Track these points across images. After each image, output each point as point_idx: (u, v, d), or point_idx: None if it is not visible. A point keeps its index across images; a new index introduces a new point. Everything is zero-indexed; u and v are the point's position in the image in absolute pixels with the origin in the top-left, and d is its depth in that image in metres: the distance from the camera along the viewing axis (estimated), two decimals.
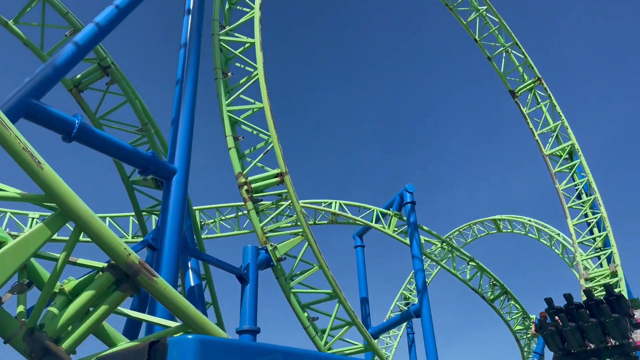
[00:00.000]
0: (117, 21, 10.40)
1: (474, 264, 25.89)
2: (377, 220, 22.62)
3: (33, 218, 19.41)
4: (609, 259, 19.54)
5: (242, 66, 13.85)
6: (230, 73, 13.84)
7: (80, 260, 5.60)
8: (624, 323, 14.08)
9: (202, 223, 23.34)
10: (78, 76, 12.93)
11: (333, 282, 12.69)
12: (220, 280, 15.56)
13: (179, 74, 11.94)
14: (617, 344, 14.22)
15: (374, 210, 22.88)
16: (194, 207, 20.10)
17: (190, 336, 1.42)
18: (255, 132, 13.26)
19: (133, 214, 17.26)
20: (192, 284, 11.92)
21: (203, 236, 23.05)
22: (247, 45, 13.82)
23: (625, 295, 16.12)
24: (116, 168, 13.89)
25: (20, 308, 5.05)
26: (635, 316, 14.49)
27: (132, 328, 10.28)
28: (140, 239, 14.70)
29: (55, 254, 5.35)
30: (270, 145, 12.77)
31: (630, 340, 14.20)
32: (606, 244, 20.05)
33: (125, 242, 8.32)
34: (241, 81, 13.69)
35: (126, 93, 13.18)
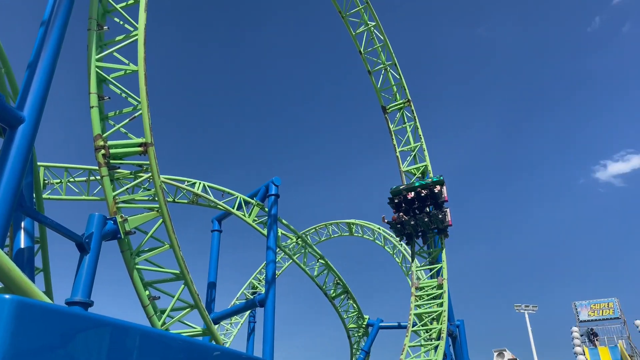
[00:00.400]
0: None
1: (323, 261, 27.14)
2: (239, 208, 22.55)
3: None
4: (439, 272, 21.91)
5: (122, 23, 12.88)
6: (106, 27, 12.80)
7: None
8: (443, 215, 22.24)
9: (46, 182, 21.19)
10: None
11: (182, 263, 12.43)
12: (57, 247, 14.33)
13: (47, 15, 10.73)
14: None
15: (237, 197, 22.76)
16: (38, 163, 18.20)
17: (7, 295, 1.34)
18: (124, 94, 12.42)
19: None
20: (22, 246, 10.79)
21: (45, 196, 20.95)
22: (130, 1, 12.91)
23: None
24: None
25: None
26: (444, 193, 22.38)
27: None
28: None
29: None
30: (139, 112, 12.08)
31: (446, 222, 22.29)
32: (438, 259, 22.43)
33: None
34: (117, 38, 12.73)
35: None
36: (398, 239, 24.57)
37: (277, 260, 30.31)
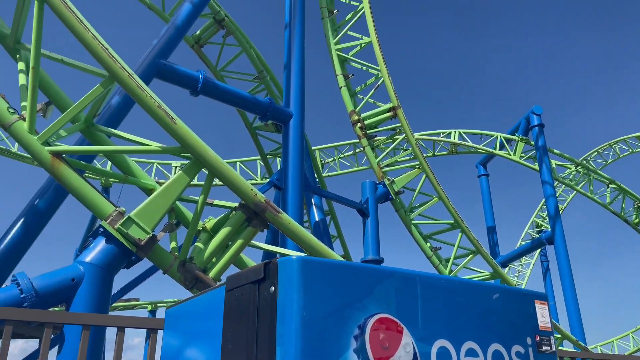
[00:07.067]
0: None
1: (614, 186, 23.74)
2: (502, 147, 21.57)
3: (175, 167, 21.82)
4: None
5: (347, 1, 13.67)
6: (336, 10, 13.77)
7: (217, 202, 6.36)
8: None
9: (323, 162, 24.22)
10: (197, 32, 13.79)
11: (454, 212, 12.64)
12: (345, 215, 16.28)
13: (287, 18, 12.19)
14: None
15: (497, 136, 21.79)
16: (313, 147, 20.91)
17: (294, 256, 1.69)
18: (364, 68, 13.23)
19: (259, 157, 18.49)
20: (317, 219, 12.69)
21: (324, 174, 23.99)
22: None
23: None
24: (240, 116, 14.87)
25: (173, 244, 5.94)
26: None
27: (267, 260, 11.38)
28: (268, 180, 15.84)
29: (195, 197, 6.13)
30: (381, 80, 12.69)
31: None
32: None
33: (254, 184, 9.06)
34: (347, 17, 13.58)
35: (241, 43, 13.82)
36: None
37: (557, 193, 27.90)
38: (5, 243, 6.67)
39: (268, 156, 16.02)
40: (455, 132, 22.72)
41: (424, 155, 13.16)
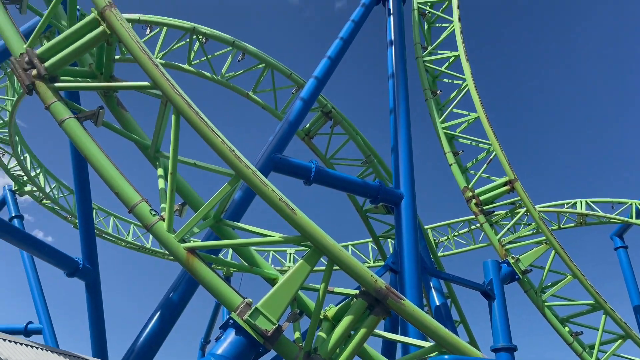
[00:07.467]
0: (331, 70, 11.62)
1: None
2: (639, 215, 19.41)
3: (290, 253, 22.49)
4: None
5: (450, 81, 13.81)
6: (439, 90, 13.94)
7: (337, 289, 6.33)
8: None
9: (436, 241, 23.37)
10: (307, 125, 14.68)
11: (593, 291, 11.35)
12: (464, 297, 15.33)
13: (391, 103, 12.57)
14: None
15: (631, 203, 19.72)
16: (425, 227, 20.44)
17: (447, 357, 1.57)
18: (474, 143, 12.99)
19: (371, 240, 18.39)
20: (438, 303, 12.05)
21: (439, 254, 23.04)
22: (452, 59, 13.78)
23: None
24: (350, 200, 15.12)
25: (296, 334, 5.94)
26: None
27: (388, 349, 10.89)
28: (381, 263, 15.54)
29: (316, 285, 6.16)
30: (493, 154, 12.32)
31: None
32: None
33: (368, 267, 8.98)
34: (451, 96, 13.66)
35: (348, 132, 14.42)
36: None
37: None
38: (144, 336, 7.14)
39: (380, 238, 15.89)
40: (581, 201, 20.95)
41: (550, 229, 12.23)
